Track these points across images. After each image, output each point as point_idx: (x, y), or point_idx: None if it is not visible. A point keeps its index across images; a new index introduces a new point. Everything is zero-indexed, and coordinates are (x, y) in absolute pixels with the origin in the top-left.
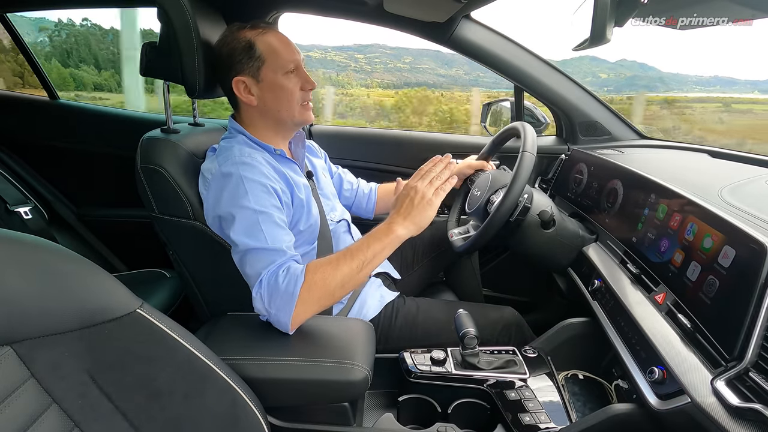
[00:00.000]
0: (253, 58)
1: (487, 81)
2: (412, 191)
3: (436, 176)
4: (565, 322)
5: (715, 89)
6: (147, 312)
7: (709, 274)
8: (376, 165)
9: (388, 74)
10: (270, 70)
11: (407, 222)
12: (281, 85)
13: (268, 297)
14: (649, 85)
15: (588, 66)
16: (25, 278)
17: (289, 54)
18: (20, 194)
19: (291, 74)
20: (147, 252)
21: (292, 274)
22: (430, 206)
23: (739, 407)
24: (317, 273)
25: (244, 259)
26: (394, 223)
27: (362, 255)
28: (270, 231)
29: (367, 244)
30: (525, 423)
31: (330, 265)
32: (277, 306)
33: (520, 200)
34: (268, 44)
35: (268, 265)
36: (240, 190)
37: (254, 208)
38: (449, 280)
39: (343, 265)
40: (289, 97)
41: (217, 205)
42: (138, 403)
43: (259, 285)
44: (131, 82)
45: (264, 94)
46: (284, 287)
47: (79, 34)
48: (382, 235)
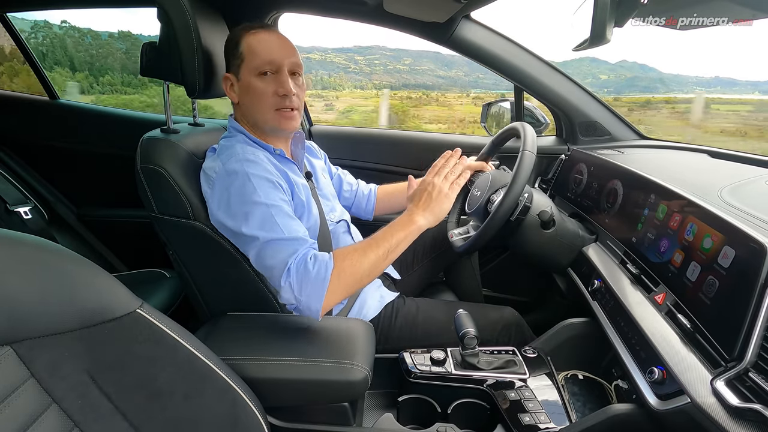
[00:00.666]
0: (236, 56)
1: (486, 82)
2: (429, 186)
3: (450, 171)
4: (565, 322)
5: (715, 90)
6: (147, 312)
7: (709, 274)
8: (376, 165)
9: (387, 76)
10: (246, 69)
11: (426, 213)
12: (253, 87)
13: (298, 285)
14: (650, 86)
15: (588, 67)
16: (25, 278)
17: (267, 55)
18: (20, 194)
19: (266, 76)
20: (147, 252)
21: (321, 262)
22: (447, 199)
23: (738, 407)
24: (345, 260)
25: (264, 252)
26: (414, 214)
27: (387, 243)
28: (285, 222)
29: (390, 233)
30: (525, 423)
31: (357, 253)
32: (308, 293)
33: (520, 200)
34: (249, 44)
35: (292, 253)
36: (248, 187)
37: (265, 203)
38: (449, 280)
39: (370, 253)
40: (259, 100)
41: (226, 205)
42: (138, 403)
43: (288, 274)
44: None
45: (242, 93)
46: (315, 274)
47: (56, 36)
48: (404, 225)
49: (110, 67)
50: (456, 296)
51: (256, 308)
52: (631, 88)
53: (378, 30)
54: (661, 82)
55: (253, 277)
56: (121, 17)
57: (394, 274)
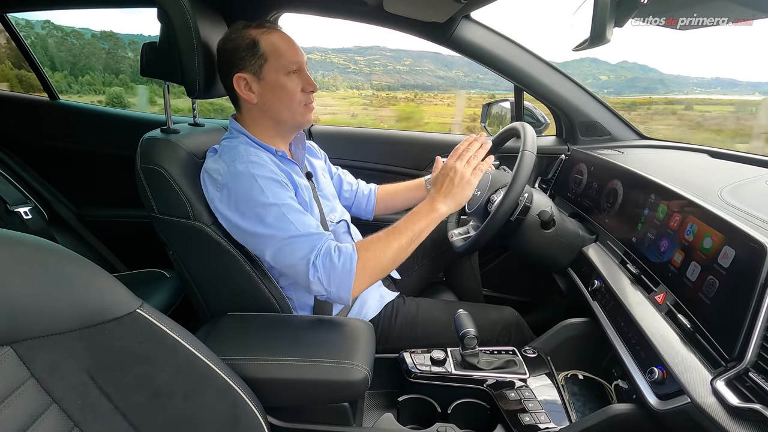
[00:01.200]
0: (257, 56)
1: (486, 83)
2: (451, 171)
3: (473, 155)
4: (565, 322)
5: (715, 91)
6: (147, 312)
7: (709, 274)
8: (376, 165)
9: (386, 76)
10: (272, 69)
11: (448, 199)
12: (283, 85)
13: (326, 278)
14: (650, 87)
15: (588, 68)
16: (25, 278)
17: (293, 54)
18: (20, 194)
19: (293, 75)
20: (147, 252)
21: (345, 254)
22: (469, 185)
23: (738, 407)
24: (369, 251)
25: (283, 251)
26: (435, 201)
27: (410, 232)
28: (297, 218)
29: (413, 221)
30: (525, 423)
31: (381, 243)
32: (337, 284)
33: (520, 200)
34: (272, 43)
35: (312, 249)
36: (256, 189)
37: (275, 203)
38: (449, 280)
39: (393, 242)
40: (290, 97)
41: (236, 206)
42: (138, 403)
43: (315, 269)
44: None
45: (265, 92)
46: (341, 266)
47: (38, 36)
48: (426, 213)
49: (92, 66)
50: (456, 296)
51: (256, 308)
52: (631, 89)
53: (378, 30)
54: (661, 83)
55: (253, 277)
56: (105, 17)
57: (394, 274)
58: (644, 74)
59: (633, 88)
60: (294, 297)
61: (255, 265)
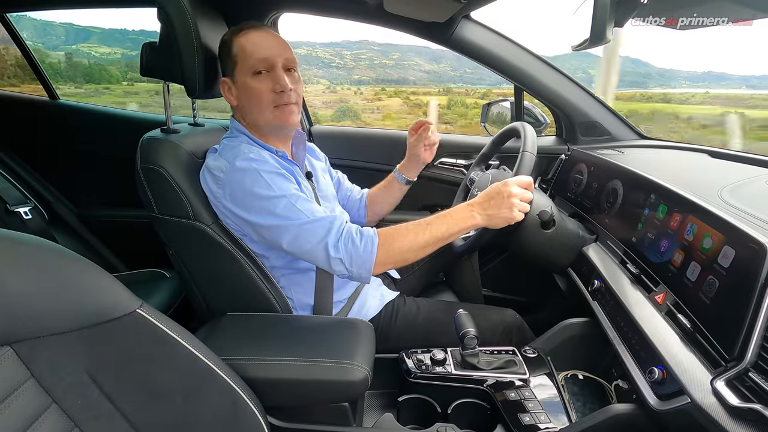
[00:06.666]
0: (230, 59)
1: (470, 77)
2: (505, 192)
3: (525, 197)
4: (565, 322)
5: (703, 85)
6: (147, 312)
7: (709, 274)
8: (376, 165)
9: (368, 71)
10: (240, 71)
11: (485, 215)
12: (249, 87)
13: (348, 259)
14: (638, 81)
15: (578, 62)
16: (25, 278)
17: (261, 54)
18: (20, 194)
19: (261, 75)
20: (147, 252)
21: (367, 236)
22: (510, 216)
23: (738, 407)
24: (395, 241)
25: (299, 239)
26: (475, 211)
27: (439, 233)
28: (306, 207)
29: (445, 224)
30: (525, 423)
31: (405, 231)
32: (359, 265)
33: None
34: (241, 45)
35: (328, 231)
36: (261, 183)
37: (282, 194)
38: (449, 280)
39: (419, 234)
40: (257, 98)
41: (242, 201)
42: (138, 403)
43: (336, 250)
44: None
45: (240, 95)
46: (362, 249)
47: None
48: (464, 220)
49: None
50: (456, 296)
51: (256, 308)
52: (620, 82)
53: (368, 24)
54: (650, 77)
55: (253, 277)
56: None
57: (394, 274)
58: (635, 68)
59: (621, 82)
60: (294, 297)
61: (255, 265)
